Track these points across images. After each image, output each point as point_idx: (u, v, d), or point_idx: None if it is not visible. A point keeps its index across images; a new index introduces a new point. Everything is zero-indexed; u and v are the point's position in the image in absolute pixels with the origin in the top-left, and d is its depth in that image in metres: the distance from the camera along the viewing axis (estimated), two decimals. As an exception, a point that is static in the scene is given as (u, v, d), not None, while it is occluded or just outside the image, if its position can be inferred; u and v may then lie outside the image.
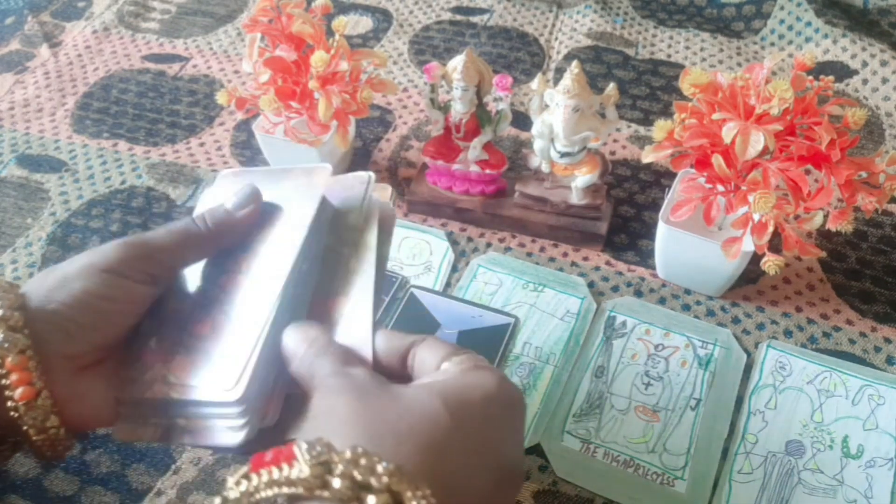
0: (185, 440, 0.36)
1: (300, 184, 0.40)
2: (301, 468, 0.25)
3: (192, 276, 0.40)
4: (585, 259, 0.63)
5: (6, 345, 0.33)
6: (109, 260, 0.36)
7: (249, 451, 0.34)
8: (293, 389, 0.36)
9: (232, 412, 0.34)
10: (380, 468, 0.25)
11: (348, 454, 0.26)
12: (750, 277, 0.60)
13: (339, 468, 0.25)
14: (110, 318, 0.36)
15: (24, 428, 0.34)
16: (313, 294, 0.38)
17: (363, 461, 0.25)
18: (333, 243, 0.39)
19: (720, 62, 0.85)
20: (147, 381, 0.36)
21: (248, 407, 0.34)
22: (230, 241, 0.39)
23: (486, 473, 0.30)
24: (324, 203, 0.39)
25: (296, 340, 0.35)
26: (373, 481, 0.25)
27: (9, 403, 0.33)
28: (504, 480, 0.31)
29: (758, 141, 0.47)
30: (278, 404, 0.36)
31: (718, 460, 0.50)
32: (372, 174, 0.41)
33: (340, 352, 0.35)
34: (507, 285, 0.61)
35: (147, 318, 0.38)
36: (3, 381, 0.33)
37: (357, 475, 0.25)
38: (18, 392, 0.33)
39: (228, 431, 0.34)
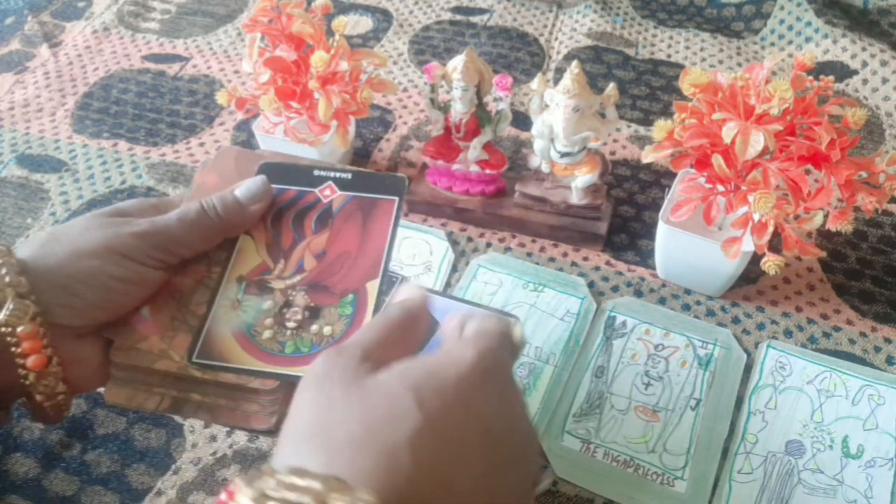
0: (202, 416, 0.37)
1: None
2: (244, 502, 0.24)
3: None
4: (585, 259, 0.63)
5: (17, 313, 0.33)
6: (127, 246, 0.36)
7: (274, 433, 0.35)
8: None
9: (266, 399, 0.35)
10: (316, 485, 0.24)
11: (281, 478, 0.24)
12: (750, 277, 0.60)
13: (273, 493, 0.24)
14: (119, 298, 0.37)
15: (33, 394, 0.34)
16: None
17: (299, 482, 0.24)
18: None
19: (720, 62, 0.85)
20: (145, 352, 0.36)
21: (281, 395, 0.35)
22: (237, 232, 0.40)
23: (472, 461, 0.28)
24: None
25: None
26: (305, 500, 0.23)
27: (20, 371, 0.34)
28: (500, 464, 0.29)
29: (758, 141, 0.47)
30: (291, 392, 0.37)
31: (718, 460, 0.50)
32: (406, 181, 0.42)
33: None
34: (507, 285, 0.61)
35: None
36: (14, 350, 0.33)
37: (291, 498, 0.24)
38: (31, 360, 0.34)
39: (260, 416, 0.35)
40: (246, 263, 0.39)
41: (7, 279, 0.34)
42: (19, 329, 0.33)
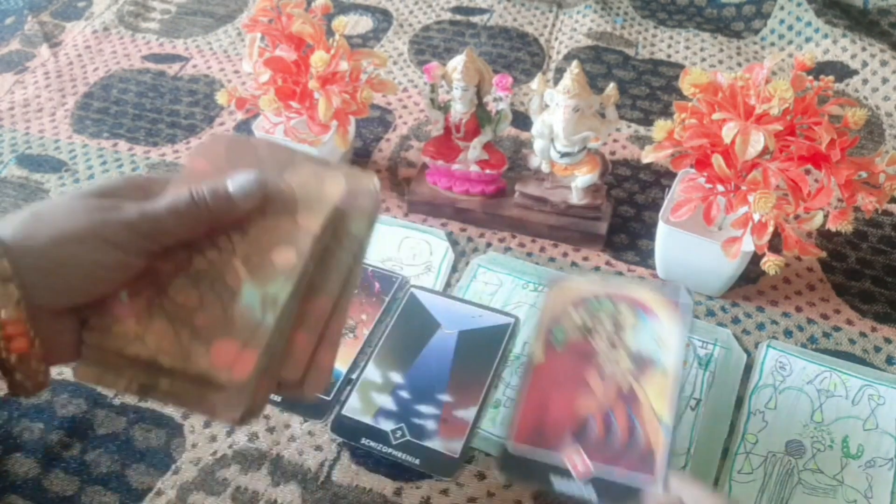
0: (170, 403, 0.37)
1: (309, 184, 0.40)
2: None
3: None
4: (585, 259, 0.63)
5: (1, 299, 0.33)
6: (114, 234, 0.36)
7: (240, 425, 0.35)
8: (284, 374, 0.37)
9: (233, 393, 0.35)
10: None
11: None
12: (750, 277, 0.60)
13: None
14: (100, 283, 0.37)
15: (15, 374, 0.34)
16: (306, 289, 0.39)
17: None
18: (332, 245, 0.40)
19: (720, 62, 0.85)
20: (120, 335, 0.36)
21: (248, 389, 0.35)
22: (224, 225, 0.39)
23: None
24: (333, 212, 0.40)
25: None
26: None
27: (1, 352, 0.34)
28: None
29: (758, 141, 0.47)
30: (269, 386, 0.37)
31: (718, 460, 0.50)
32: (378, 188, 0.41)
33: None
34: (507, 285, 0.61)
35: None
36: None
37: None
38: (14, 343, 0.34)
39: (226, 408, 0.35)
40: None
41: None
42: (3, 314, 0.33)
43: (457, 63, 0.58)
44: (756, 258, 0.52)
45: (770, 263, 0.50)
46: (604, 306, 0.49)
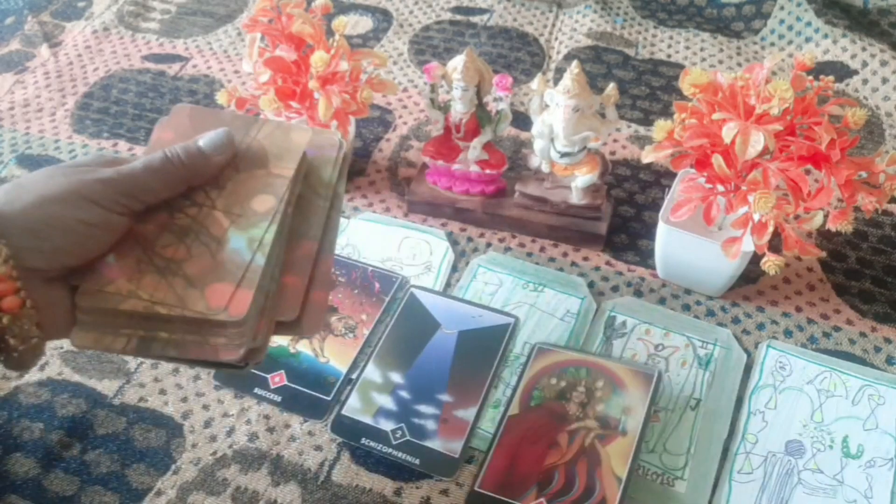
0: (170, 353, 0.37)
1: (276, 137, 0.42)
2: None
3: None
4: (585, 259, 0.63)
5: None
6: (93, 192, 0.36)
7: (242, 365, 0.37)
8: (281, 316, 0.38)
9: (233, 331, 0.36)
10: None
11: None
12: (750, 277, 0.60)
13: None
14: (85, 243, 0.37)
15: (7, 337, 0.34)
16: (288, 235, 0.40)
17: None
18: (306, 192, 0.42)
19: (720, 62, 0.85)
20: (113, 294, 0.37)
21: (247, 327, 0.36)
22: (200, 181, 0.40)
23: None
24: (303, 158, 0.42)
25: None
26: None
27: None
28: None
29: (758, 141, 0.47)
30: (268, 327, 0.38)
31: (718, 460, 0.50)
32: (343, 140, 0.43)
33: None
34: (507, 285, 0.61)
35: None
36: None
37: None
38: (6, 302, 0.33)
39: (227, 348, 0.36)
40: None
41: None
42: None
43: (457, 63, 0.58)
44: (756, 258, 0.52)
45: (770, 263, 0.50)
46: (581, 374, 0.54)
